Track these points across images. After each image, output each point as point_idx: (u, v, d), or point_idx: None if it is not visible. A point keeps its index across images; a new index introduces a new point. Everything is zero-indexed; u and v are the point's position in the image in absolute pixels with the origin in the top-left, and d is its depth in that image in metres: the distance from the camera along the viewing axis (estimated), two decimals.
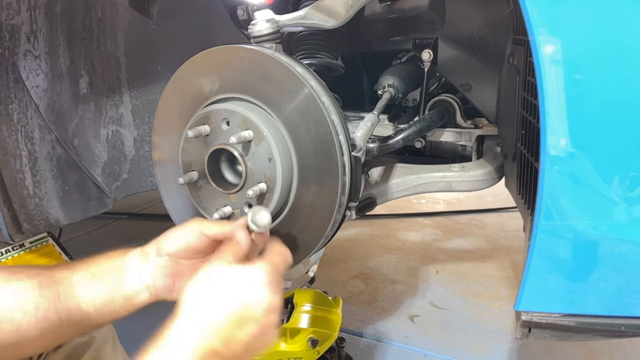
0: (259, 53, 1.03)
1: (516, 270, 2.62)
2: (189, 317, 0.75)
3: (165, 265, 0.91)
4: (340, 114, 1.03)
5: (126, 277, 0.90)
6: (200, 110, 1.09)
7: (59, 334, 0.88)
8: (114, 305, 0.90)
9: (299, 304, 1.65)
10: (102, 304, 0.89)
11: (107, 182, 1.79)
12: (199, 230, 0.92)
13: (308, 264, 1.34)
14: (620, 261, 0.88)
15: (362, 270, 2.68)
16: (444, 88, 1.61)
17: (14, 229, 1.52)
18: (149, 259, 0.92)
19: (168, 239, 0.93)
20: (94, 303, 0.88)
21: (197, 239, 0.92)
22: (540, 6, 0.80)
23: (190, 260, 0.93)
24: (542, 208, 0.87)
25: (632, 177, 0.84)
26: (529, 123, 1.08)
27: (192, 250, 0.92)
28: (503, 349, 2.00)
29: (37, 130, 1.54)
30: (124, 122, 1.84)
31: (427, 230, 3.21)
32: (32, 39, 1.47)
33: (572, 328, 0.94)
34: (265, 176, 1.01)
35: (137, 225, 3.48)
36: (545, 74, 0.81)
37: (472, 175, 1.38)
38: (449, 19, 1.34)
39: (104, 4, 1.63)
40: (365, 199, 1.33)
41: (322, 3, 1.11)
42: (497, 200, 3.48)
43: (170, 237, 0.93)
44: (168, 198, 1.25)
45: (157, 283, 0.90)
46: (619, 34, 0.81)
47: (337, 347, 1.72)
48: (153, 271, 0.91)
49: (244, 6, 1.46)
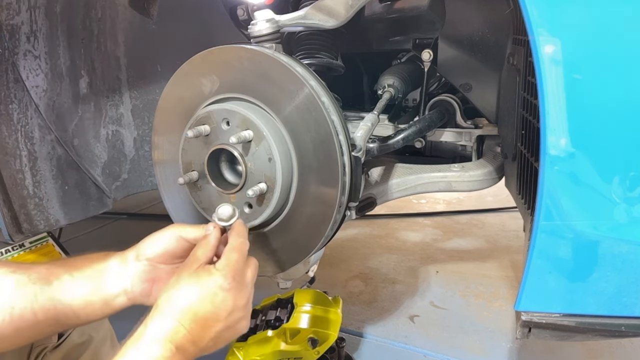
0: (259, 53, 1.03)
1: (516, 270, 2.62)
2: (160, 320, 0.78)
3: (144, 270, 0.92)
4: (340, 114, 1.03)
5: (105, 281, 0.91)
6: (200, 110, 1.09)
7: (35, 332, 0.88)
8: (92, 308, 0.90)
9: (299, 304, 1.65)
10: (80, 306, 0.89)
11: (107, 182, 1.79)
12: (178, 235, 0.93)
13: (308, 264, 1.34)
14: (620, 261, 0.88)
15: (362, 270, 2.68)
16: (444, 88, 1.61)
17: (14, 229, 1.52)
18: (128, 264, 0.93)
19: (147, 244, 0.93)
20: (72, 305, 0.88)
21: (176, 244, 0.93)
22: (540, 6, 0.80)
23: (169, 265, 0.94)
24: (542, 208, 0.87)
25: (632, 177, 0.84)
26: (529, 123, 1.08)
27: (170, 255, 0.93)
28: (503, 349, 2.00)
29: (37, 130, 1.54)
30: (124, 122, 1.83)
31: (427, 230, 3.21)
32: (32, 39, 1.47)
33: (572, 328, 0.94)
34: (265, 176, 1.01)
35: (137, 225, 3.47)
36: (545, 74, 0.81)
37: (472, 175, 1.38)
38: (449, 19, 1.34)
39: (104, 4, 1.63)
40: (365, 199, 1.33)
41: (322, 3, 1.11)
42: (497, 200, 3.48)
43: (149, 242, 0.94)
44: (168, 198, 1.25)
45: (135, 288, 0.91)
46: (619, 33, 0.81)
47: (337, 347, 1.72)
48: (132, 276, 0.92)
49: (244, 6, 1.46)
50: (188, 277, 0.82)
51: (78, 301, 0.89)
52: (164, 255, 0.93)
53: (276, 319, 1.67)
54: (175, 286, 0.81)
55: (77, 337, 1.17)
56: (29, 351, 1.09)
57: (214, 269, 0.83)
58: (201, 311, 0.79)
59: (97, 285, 0.90)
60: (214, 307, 0.80)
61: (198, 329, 0.79)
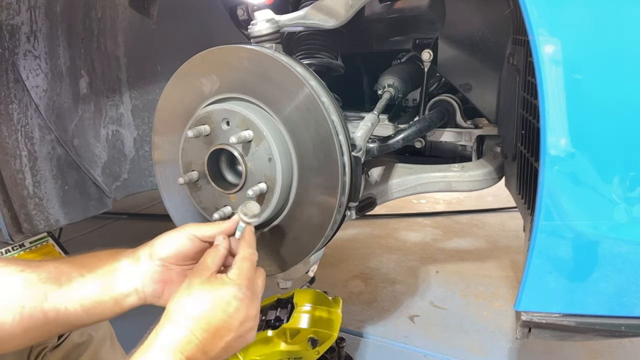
0: (259, 53, 1.03)
1: (516, 270, 2.62)
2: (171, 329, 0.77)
3: (156, 271, 0.91)
4: (340, 114, 1.03)
5: (116, 280, 0.90)
6: (200, 110, 1.09)
7: (44, 331, 0.87)
8: (103, 307, 0.89)
9: (299, 304, 1.65)
10: (91, 306, 0.88)
11: (107, 182, 1.79)
12: (192, 235, 0.92)
13: (308, 264, 1.34)
14: (620, 261, 0.88)
15: (362, 270, 2.68)
16: (444, 88, 1.61)
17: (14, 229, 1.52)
18: (140, 263, 0.91)
19: (161, 243, 0.92)
20: (82, 304, 0.88)
21: (190, 245, 0.92)
22: (540, 6, 0.80)
23: (181, 266, 0.93)
24: (542, 208, 0.87)
25: (632, 177, 0.84)
26: (529, 123, 1.08)
27: (183, 256, 0.92)
28: (503, 349, 2.00)
29: (37, 130, 1.54)
30: (124, 122, 1.84)
31: (427, 230, 3.21)
32: (32, 39, 1.47)
33: (572, 328, 0.94)
34: (265, 176, 1.01)
35: (137, 225, 3.48)
36: (545, 74, 0.81)
37: (472, 175, 1.38)
38: (449, 19, 1.34)
39: (104, 4, 1.63)
40: (365, 199, 1.33)
41: (322, 3, 1.11)
42: (497, 200, 3.48)
43: (163, 242, 0.92)
44: (168, 198, 1.25)
45: (147, 288, 0.90)
46: (619, 33, 0.81)
47: (337, 347, 1.72)
48: (143, 276, 0.90)
49: (244, 6, 1.46)
50: (200, 285, 0.81)
51: (89, 300, 0.88)
52: (177, 256, 0.92)
53: (276, 319, 1.67)
54: (187, 294, 0.80)
55: (77, 336, 1.17)
56: (29, 351, 1.09)
57: (227, 278, 0.82)
58: (214, 320, 0.78)
59: (107, 285, 0.89)
60: (227, 317, 0.79)
61: (210, 338, 0.78)
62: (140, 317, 0.95)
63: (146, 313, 0.93)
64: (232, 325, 0.80)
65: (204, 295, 0.79)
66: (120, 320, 0.93)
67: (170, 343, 0.75)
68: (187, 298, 0.79)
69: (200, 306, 0.78)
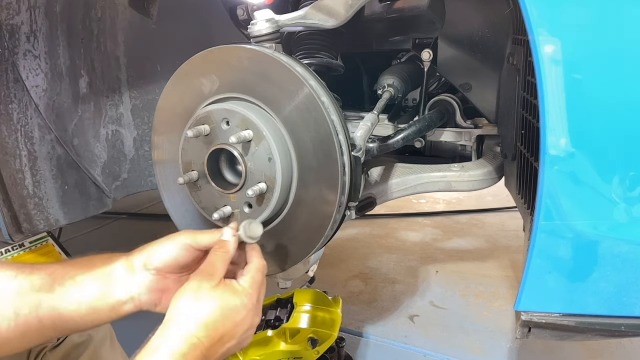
0: (259, 53, 1.03)
1: (516, 270, 2.62)
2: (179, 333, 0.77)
3: (152, 280, 0.90)
4: (340, 114, 1.03)
5: (112, 287, 0.89)
6: (200, 110, 1.08)
7: (41, 336, 0.87)
8: (99, 314, 0.89)
9: (299, 304, 1.65)
10: (87, 312, 0.87)
11: (107, 182, 1.79)
12: (188, 245, 0.91)
13: (308, 264, 1.34)
14: (620, 261, 0.88)
15: (362, 270, 2.68)
16: (444, 88, 1.61)
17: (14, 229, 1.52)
18: (135, 272, 0.90)
19: (155, 252, 0.91)
20: (78, 310, 0.87)
21: (186, 254, 0.91)
22: (540, 6, 0.80)
23: (178, 274, 0.92)
24: (542, 208, 0.87)
25: (632, 177, 0.84)
26: (529, 123, 1.08)
27: (179, 266, 0.91)
28: (503, 349, 2.00)
29: (37, 130, 1.54)
30: (124, 122, 1.84)
31: (427, 230, 3.21)
32: (32, 39, 1.47)
33: (572, 328, 0.94)
34: (265, 176, 1.01)
35: (137, 225, 3.47)
36: (545, 74, 0.81)
37: (472, 175, 1.38)
38: (449, 19, 1.34)
39: (104, 4, 1.63)
40: (365, 199, 1.33)
41: (322, 3, 1.11)
42: (497, 200, 3.48)
43: (157, 251, 0.91)
44: (168, 198, 1.25)
45: (143, 297, 0.90)
46: (619, 33, 0.81)
47: (337, 347, 1.72)
48: (139, 285, 0.90)
49: (244, 6, 1.46)
50: (210, 291, 0.81)
51: (84, 307, 0.87)
52: (173, 266, 0.91)
53: (276, 319, 1.67)
54: (196, 298, 0.80)
55: (76, 337, 1.17)
56: (28, 351, 1.09)
57: (239, 286, 0.83)
58: (221, 328, 0.79)
59: (103, 292, 0.88)
60: (234, 325, 0.80)
61: (214, 344, 0.78)
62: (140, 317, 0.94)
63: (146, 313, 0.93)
64: (237, 333, 0.81)
65: (215, 304, 0.80)
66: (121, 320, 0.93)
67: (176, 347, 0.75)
68: (197, 304, 0.79)
69: (211, 314, 0.79)
